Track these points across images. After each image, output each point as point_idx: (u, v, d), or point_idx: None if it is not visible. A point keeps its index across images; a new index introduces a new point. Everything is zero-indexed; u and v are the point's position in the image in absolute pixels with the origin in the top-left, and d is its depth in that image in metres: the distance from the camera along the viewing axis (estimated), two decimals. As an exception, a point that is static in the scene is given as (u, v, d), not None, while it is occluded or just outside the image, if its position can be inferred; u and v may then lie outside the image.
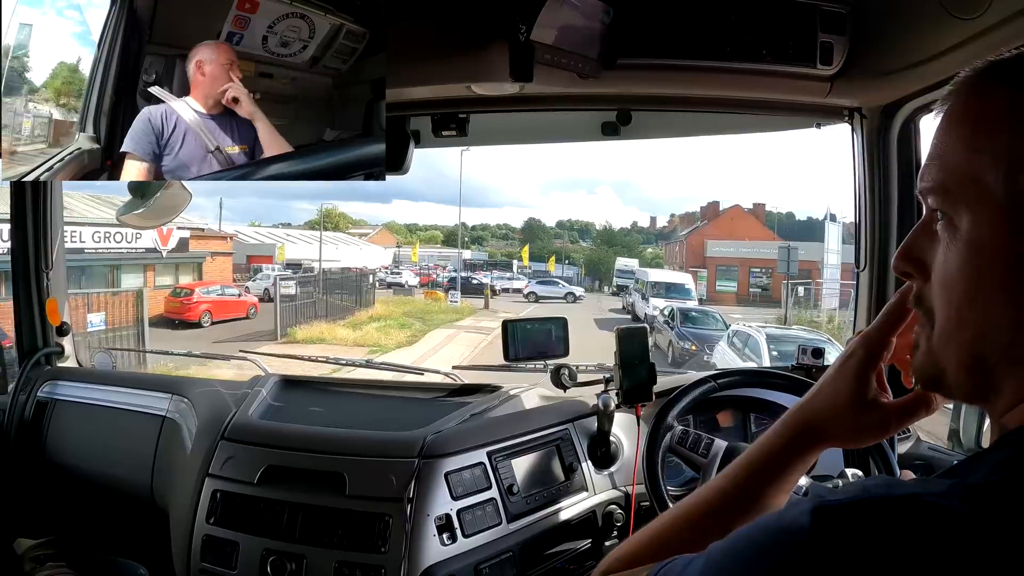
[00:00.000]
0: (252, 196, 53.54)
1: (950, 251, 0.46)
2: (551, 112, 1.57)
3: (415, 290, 29.46)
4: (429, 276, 35.90)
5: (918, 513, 0.40)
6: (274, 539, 1.20)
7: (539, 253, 46.96)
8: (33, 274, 1.85)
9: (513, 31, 1.11)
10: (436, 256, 47.82)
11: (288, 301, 15.70)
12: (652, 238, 55.78)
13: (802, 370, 1.62)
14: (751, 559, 0.43)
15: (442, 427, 1.34)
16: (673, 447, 1.29)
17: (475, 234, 60.01)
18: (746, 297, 31.94)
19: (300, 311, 15.77)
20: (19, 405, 1.76)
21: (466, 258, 46.40)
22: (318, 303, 16.78)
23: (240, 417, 1.39)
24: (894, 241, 1.51)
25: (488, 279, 32.60)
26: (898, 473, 1.21)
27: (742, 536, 0.46)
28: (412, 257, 40.18)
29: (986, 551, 0.37)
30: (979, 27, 1.06)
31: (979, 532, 0.38)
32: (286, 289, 16.13)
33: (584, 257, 50.46)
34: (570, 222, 61.48)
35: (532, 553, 1.27)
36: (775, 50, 1.26)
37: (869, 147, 1.48)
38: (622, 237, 55.38)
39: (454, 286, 25.52)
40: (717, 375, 1.40)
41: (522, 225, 60.17)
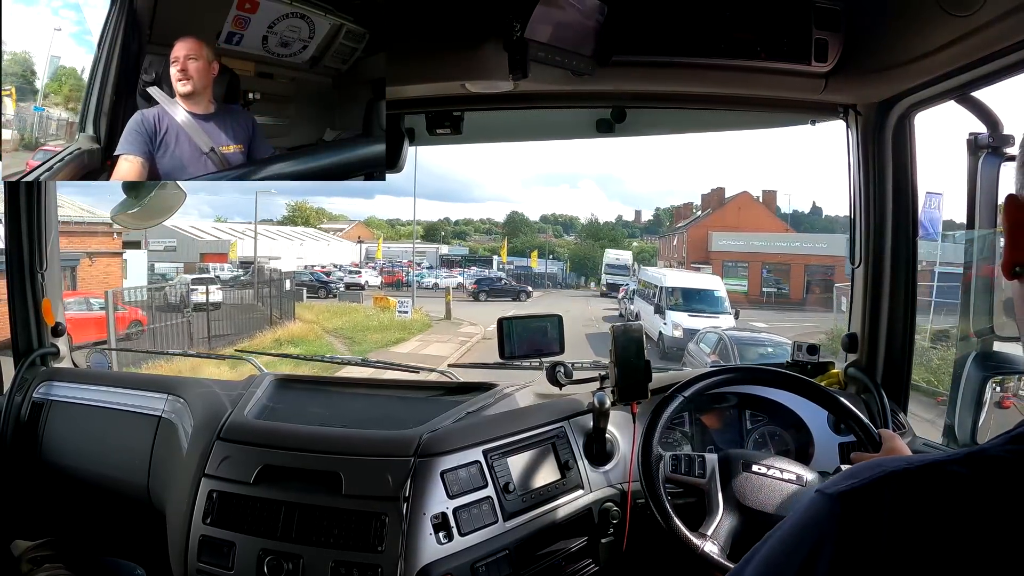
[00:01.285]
0: (235, 192, 52.13)
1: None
2: (546, 110, 1.57)
3: (379, 291, 25.36)
4: (396, 275, 31.40)
5: (936, 479, 0.44)
6: (270, 539, 1.20)
7: (522, 248, 44.67)
8: (28, 274, 1.84)
9: (507, 29, 1.11)
10: (413, 252, 45.61)
11: (201, 310, 13.11)
12: (637, 232, 54.73)
13: (797, 367, 1.63)
14: (792, 550, 0.47)
15: (438, 426, 1.34)
16: (670, 476, 1.30)
17: (458, 229, 58.42)
18: (758, 298, 26.77)
19: (192, 329, 12.61)
20: (15, 406, 1.76)
21: (443, 253, 44.49)
22: (224, 317, 13.80)
23: (236, 417, 1.39)
24: (889, 237, 1.51)
25: (462, 277, 29.91)
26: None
27: (764, 549, 0.50)
28: (376, 254, 36.09)
29: (992, 512, 0.42)
30: (973, 24, 1.06)
31: (988, 495, 0.43)
32: (203, 296, 13.69)
33: (569, 252, 47.83)
34: (554, 216, 60.01)
35: (528, 551, 1.28)
36: (770, 47, 1.26)
37: (864, 144, 1.48)
38: (608, 231, 53.18)
39: (482, 290, 23.22)
40: (712, 372, 1.41)
41: (504, 219, 58.30)
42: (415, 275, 30.15)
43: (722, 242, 30.29)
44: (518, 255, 40.60)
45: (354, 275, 28.65)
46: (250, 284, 17.57)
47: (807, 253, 27.43)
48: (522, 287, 27.50)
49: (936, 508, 0.43)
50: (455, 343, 14.12)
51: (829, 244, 25.90)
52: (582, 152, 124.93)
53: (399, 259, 37.68)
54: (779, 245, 28.63)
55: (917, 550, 0.42)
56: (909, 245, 1.51)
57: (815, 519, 0.47)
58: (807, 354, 1.65)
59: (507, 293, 25.93)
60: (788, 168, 65.27)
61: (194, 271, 24.44)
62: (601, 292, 30.65)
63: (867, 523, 0.44)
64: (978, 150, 1.40)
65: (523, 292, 26.45)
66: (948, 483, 0.44)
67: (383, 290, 26.17)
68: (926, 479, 0.45)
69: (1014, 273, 0.52)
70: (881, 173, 1.49)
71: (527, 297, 25.93)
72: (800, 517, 0.48)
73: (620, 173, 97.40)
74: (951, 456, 0.46)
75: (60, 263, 1.92)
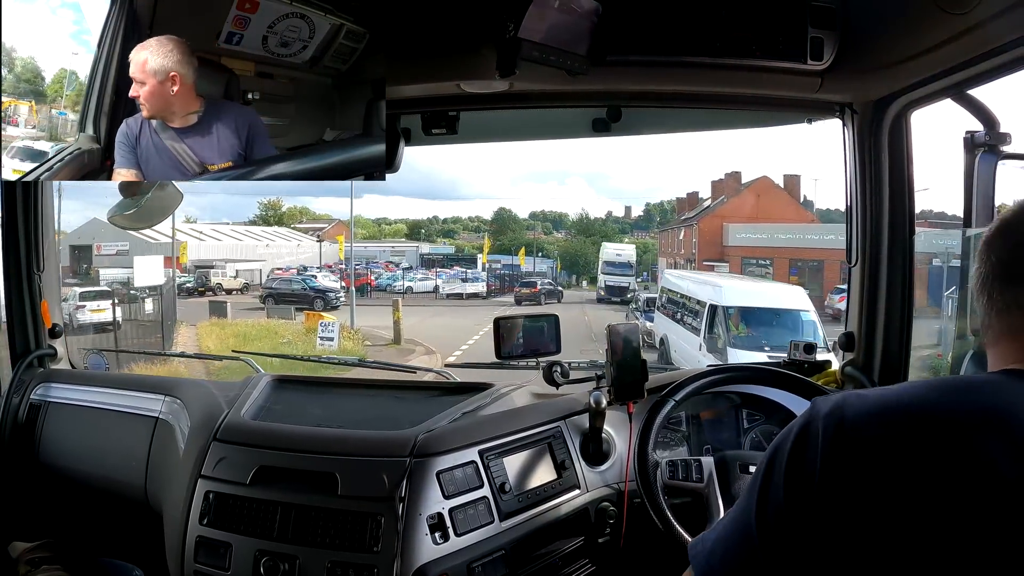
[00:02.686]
0: (220, 193, 50.62)
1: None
2: (541, 109, 1.57)
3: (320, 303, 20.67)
4: (364, 278, 27.09)
5: (886, 409, 0.63)
6: (267, 540, 1.20)
7: (509, 245, 41.53)
8: (25, 276, 1.84)
9: (502, 29, 1.10)
10: (391, 252, 41.44)
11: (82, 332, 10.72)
12: (628, 227, 53.22)
13: (794, 366, 1.62)
14: (776, 458, 0.65)
15: (434, 426, 1.34)
16: (668, 483, 1.31)
17: (446, 227, 56.72)
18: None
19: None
20: (12, 408, 1.76)
21: (424, 252, 41.19)
22: (102, 343, 10.20)
23: (232, 418, 1.39)
24: (886, 236, 1.51)
25: (440, 280, 26.71)
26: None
27: (765, 453, 0.68)
28: (338, 253, 30.64)
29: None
30: (969, 22, 1.05)
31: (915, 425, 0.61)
32: (91, 316, 10.92)
33: (559, 249, 45.53)
34: (543, 213, 57.62)
35: (524, 551, 1.27)
36: (765, 46, 1.26)
37: (860, 142, 1.48)
38: (599, 226, 51.51)
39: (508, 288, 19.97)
40: (709, 372, 1.40)
41: (491, 216, 55.19)
42: (388, 277, 27.88)
43: (740, 235, 25.83)
44: (504, 253, 37.79)
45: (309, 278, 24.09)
46: (187, 290, 15.08)
47: (842, 248, 21.39)
48: (548, 291, 24.27)
49: (877, 428, 0.60)
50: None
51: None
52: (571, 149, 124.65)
53: (375, 259, 35.48)
54: (809, 238, 23.81)
55: (854, 455, 0.59)
56: (906, 244, 1.51)
57: (795, 423, 0.66)
58: (804, 353, 1.65)
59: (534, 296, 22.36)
60: (795, 156, 64.07)
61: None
62: (598, 297, 26.23)
63: (813, 431, 0.62)
64: (975, 148, 1.39)
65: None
66: (895, 412, 0.61)
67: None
68: (878, 407, 0.62)
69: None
70: (877, 171, 1.49)
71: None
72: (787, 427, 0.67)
73: (608, 169, 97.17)
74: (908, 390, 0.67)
75: (58, 264, 1.92)
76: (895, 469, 0.57)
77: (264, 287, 21.55)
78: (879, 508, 0.56)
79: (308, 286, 22.08)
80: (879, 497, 0.57)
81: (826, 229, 22.91)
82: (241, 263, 27.30)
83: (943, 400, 0.61)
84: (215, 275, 25.84)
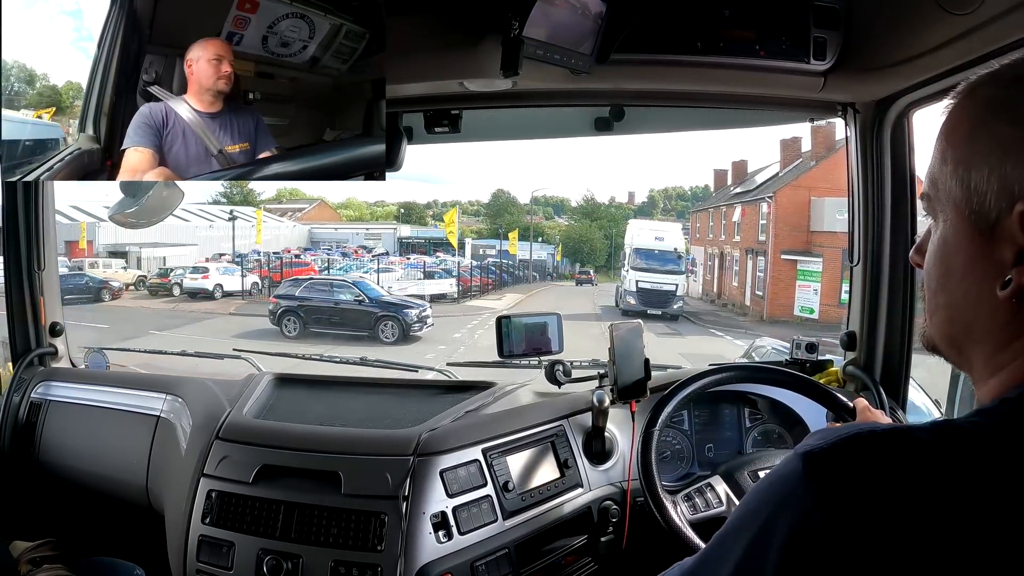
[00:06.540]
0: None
1: (931, 246, 0.57)
2: (544, 108, 1.57)
3: (242, 299, 16.80)
4: (306, 268, 20.76)
5: (899, 442, 0.46)
6: (270, 539, 1.20)
7: (506, 231, 34.23)
8: (26, 274, 1.83)
9: (506, 27, 1.10)
10: (364, 234, 34.11)
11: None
12: (631, 213, 49.10)
13: (797, 365, 1.63)
14: (758, 508, 0.50)
15: (437, 424, 1.34)
16: (692, 520, 1.29)
17: (445, 211, 55.41)
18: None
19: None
20: (13, 407, 1.76)
21: (403, 236, 35.40)
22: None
23: (235, 416, 1.39)
24: (888, 235, 1.51)
25: (404, 270, 21.09)
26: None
27: (740, 505, 0.53)
28: (257, 238, 24.92)
29: (951, 478, 0.44)
30: (972, 22, 1.06)
31: (948, 461, 0.45)
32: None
33: (562, 234, 40.59)
34: (544, 198, 54.58)
35: (528, 550, 1.28)
36: (768, 45, 1.26)
37: (863, 142, 1.48)
38: (605, 210, 47.55)
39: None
40: (712, 371, 1.41)
41: (489, 199, 50.46)
42: (346, 266, 20.47)
43: (842, 216, 11.94)
44: (498, 238, 31.63)
45: (196, 278, 17.98)
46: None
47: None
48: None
49: (897, 470, 0.45)
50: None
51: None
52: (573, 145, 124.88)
53: (346, 244, 29.18)
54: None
55: (876, 510, 0.44)
56: (908, 244, 1.51)
57: (782, 477, 0.49)
58: (806, 352, 1.66)
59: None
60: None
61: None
62: (621, 305, 17.22)
63: (829, 482, 0.46)
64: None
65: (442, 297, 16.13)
66: (911, 447, 0.46)
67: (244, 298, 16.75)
68: (890, 442, 0.46)
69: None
70: (880, 171, 1.49)
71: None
72: (771, 475, 0.51)
73: (611, 155, 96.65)
74: (919, 424, 0.48)
75: (58, 263, 1.91)
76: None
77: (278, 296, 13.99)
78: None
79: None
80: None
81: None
82: (170, 248, 21.63)
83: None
84: (93, 265, 18.85)
